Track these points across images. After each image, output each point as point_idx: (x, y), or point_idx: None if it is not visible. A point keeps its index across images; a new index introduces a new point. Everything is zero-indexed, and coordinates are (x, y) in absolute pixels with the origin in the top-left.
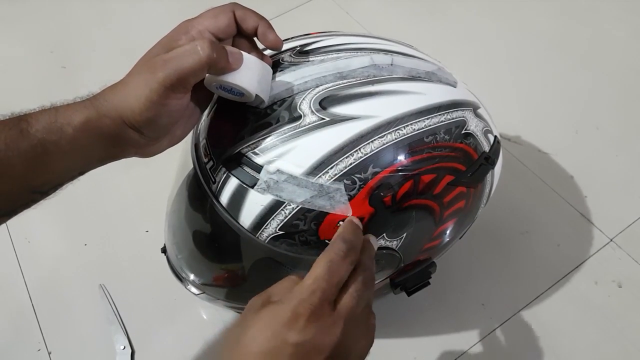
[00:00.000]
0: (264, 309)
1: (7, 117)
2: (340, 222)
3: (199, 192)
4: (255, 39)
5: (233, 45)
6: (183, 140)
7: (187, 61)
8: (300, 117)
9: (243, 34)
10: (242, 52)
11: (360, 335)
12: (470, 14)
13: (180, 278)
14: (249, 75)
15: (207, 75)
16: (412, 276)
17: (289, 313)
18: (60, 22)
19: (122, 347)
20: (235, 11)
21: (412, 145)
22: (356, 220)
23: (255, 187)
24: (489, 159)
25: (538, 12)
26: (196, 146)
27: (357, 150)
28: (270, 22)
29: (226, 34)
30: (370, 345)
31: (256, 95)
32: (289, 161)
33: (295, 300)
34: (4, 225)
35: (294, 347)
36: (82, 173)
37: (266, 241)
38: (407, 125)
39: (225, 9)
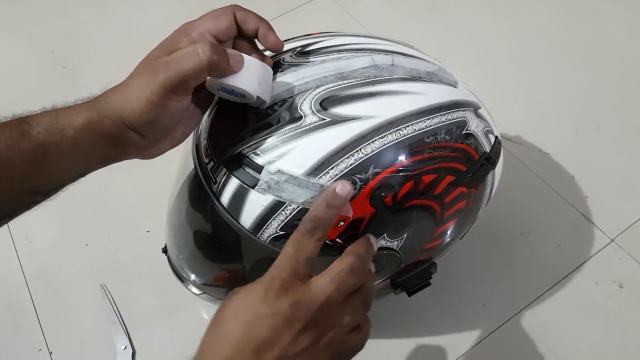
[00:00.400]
0: (240, 290)
1: (9, 119)
2: (341, 223)
3: (199, 193)
4: (255, 40)
5: (233, 47)
6: (184, 141)
7: (188, 63)
8: (301, 117)
9: (244, 35)
10: (242, 54)
11: (341, 324)
12: (471, 14)
13: (181, 278)
14: (250, 77)
15: (208, 77)
16: (413, 276)
17: (261, 289)
18: (61, 22)
19: (122, 347)
20: (236, 13)
21: (413, 146)
22: (331, 195)
23: (256, 187)
24: (490, 159)
25: (538, 11)
26: (197, 146)
27: (357, 151)
28: (271, 22)
29: (227, 35)
30: (358, 349)
31: (257, 96)
32: (290, 161)
33: (267, 278)
34: (4, 225)
35: (266, 319)
36: (83, 174)
37: (267, 241)
38: (408, 126)
39: (226, 11)
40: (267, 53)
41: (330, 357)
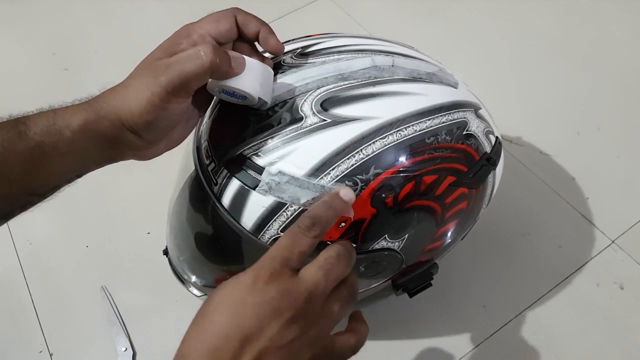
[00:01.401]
0: (229, 280)
1: (5, 120)
2: (342, 224)
3: (200, 194)
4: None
5: (233, 49)
6: (185, 142)
7: (190, 66)
8: (301, 118)
9: (244, 38)
10: (244, 56)
11: (329, 315)
12: (471, 15)
13: (182, 280)
14: (251, 79)
15: (209, 80)
16: (414, 277)
17: (250, 278)
18: (62, 23)
19: (123, 348)
20: (237, 16)
21: (414, 147)
22: (334, 197)
23: (257, 188)
24: (491, 160)
25: (539, 12)
26: (198, 148)
27: (358, 152)
28: (271, 24)
29: (227, 38)
30: (350, 351)
31: (259, 98)
32: (291, 162)
33: (257, 267)
34: (5, 227)
35: (254, 308)
36: (79, 176)
37: (268, 243)
38: (409, 127)
39: (227, 14)
40: (267, 55)
41: (319, 352)
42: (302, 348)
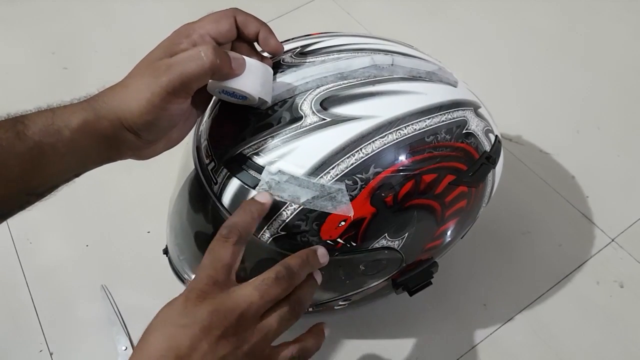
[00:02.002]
0: (165, 304)
1: (3, 119)
2: (342, 223)
3: (200, 193)
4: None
5: (232, 49)
6: (185, 142)
7: (190, 67)
8: (301, 117)
9: (244, 39)
10: (244, 57)
11: (265, 332)
12: (471, 14)
13: (182, 279)
14: (251, 79)
15: (210, 80)
16: (414, 276)
17: (181, 301)
18: (62, 23)
19: (123, 347)
20: (237, 16)
21: (413, 145)
22: (249, 201)
23: (257, 187)
24: (490, 159)
25: (539, 11)
26: (197, 147)
27: (358, 151)
28: (270, 23)
29: (227, 38)
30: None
31: (259, 98)
32: (291, 162)
33: (187, 290)
34: (5, 226)
35: (185, 329)
36: (77, 175)
37: (268, 242)
38: (408, 125)
39: (226, 14)
40: (266, 55)
41: None
42: None
